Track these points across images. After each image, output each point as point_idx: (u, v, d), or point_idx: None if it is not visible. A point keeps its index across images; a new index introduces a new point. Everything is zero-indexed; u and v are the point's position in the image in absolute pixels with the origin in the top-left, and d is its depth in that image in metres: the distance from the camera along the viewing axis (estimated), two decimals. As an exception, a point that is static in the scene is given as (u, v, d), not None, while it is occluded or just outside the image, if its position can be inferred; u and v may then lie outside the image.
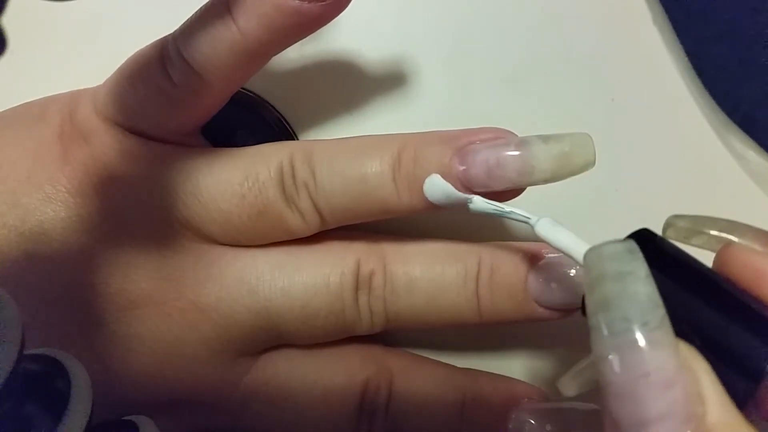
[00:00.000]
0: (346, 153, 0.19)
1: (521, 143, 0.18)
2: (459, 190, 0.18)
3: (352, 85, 0.23)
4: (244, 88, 0.23)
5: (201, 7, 0.18)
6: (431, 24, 0.23)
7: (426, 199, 0.19)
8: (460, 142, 0.19)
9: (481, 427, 0.20)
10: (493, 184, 0.18)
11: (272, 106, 0.23)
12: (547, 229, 0.17)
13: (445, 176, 0.18)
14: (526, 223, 0.17)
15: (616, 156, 0.23)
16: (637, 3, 0.23)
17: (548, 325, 0.23)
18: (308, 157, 0.19)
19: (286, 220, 0.19)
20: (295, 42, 0.19)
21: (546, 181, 0.18)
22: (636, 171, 0.23)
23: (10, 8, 0.13)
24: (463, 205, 0.19)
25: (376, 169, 0.19)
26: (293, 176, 0.19)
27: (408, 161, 0.19)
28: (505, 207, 0.18)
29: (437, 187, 0.19)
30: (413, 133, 0.20)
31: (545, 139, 0.18)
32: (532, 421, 0.20)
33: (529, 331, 0.24)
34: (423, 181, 0.18)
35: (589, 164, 0.18)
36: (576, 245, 0.16)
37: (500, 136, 0.19)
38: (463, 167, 0.18)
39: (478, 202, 0.18)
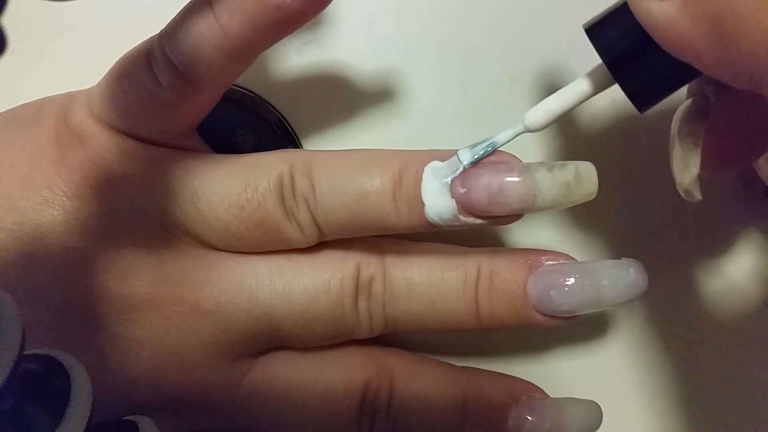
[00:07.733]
0: (347, 168, 0.19)
1: (524, 170, 0.18)
2: (459, 213, 0.18)
3: (352, 85, 0.23)
4: (244, 88, 0.23)
5: (184, 7, 0.18)
6: (431, 25, 0.23)
7: (426, 219, 0.19)
8: None
9: (481, 425, 0.20)
10: (494, 210, 0.18)
11: (272, 106, 0.23)
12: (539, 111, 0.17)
13: None
14: (518, 134, 0.18)
15: (617, 156, 0.23)
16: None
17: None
18: (308, 170, 0.19)
19: (285, 232, 0.19)
20: (280, 39, 0.19)
21: (547, 209, 0.18)
22: (636, 171, 0.23)
23: (10, 8, 0.13)
24: (462, 227, 0.19)
25: (376, 187, 0.19)
26: (293, 189, 0.19)
27: (409, 181, 0.18)
28: (489, 140, 0.18)
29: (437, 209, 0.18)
30: (415, 150, 0.19)
31: (549, 167, 0.18)
32: (531, 418, 0.20)
33: (529, 333, 0.24)
34: (423, 202, 0.18)
35: (591, 195, 0.18)
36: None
37: (504, 161, 0.18)
38: (465, 190, 0.18)
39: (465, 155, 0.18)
